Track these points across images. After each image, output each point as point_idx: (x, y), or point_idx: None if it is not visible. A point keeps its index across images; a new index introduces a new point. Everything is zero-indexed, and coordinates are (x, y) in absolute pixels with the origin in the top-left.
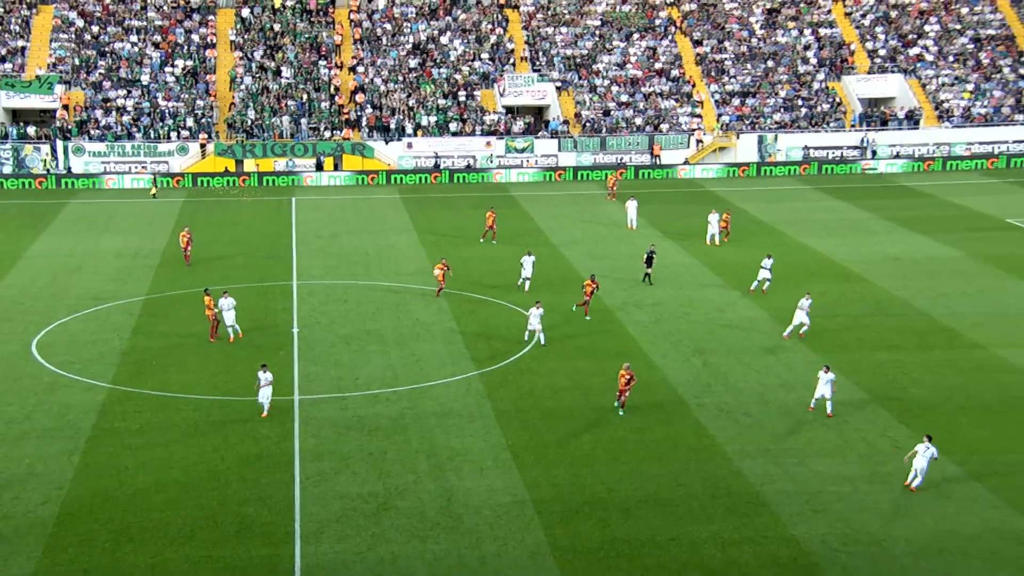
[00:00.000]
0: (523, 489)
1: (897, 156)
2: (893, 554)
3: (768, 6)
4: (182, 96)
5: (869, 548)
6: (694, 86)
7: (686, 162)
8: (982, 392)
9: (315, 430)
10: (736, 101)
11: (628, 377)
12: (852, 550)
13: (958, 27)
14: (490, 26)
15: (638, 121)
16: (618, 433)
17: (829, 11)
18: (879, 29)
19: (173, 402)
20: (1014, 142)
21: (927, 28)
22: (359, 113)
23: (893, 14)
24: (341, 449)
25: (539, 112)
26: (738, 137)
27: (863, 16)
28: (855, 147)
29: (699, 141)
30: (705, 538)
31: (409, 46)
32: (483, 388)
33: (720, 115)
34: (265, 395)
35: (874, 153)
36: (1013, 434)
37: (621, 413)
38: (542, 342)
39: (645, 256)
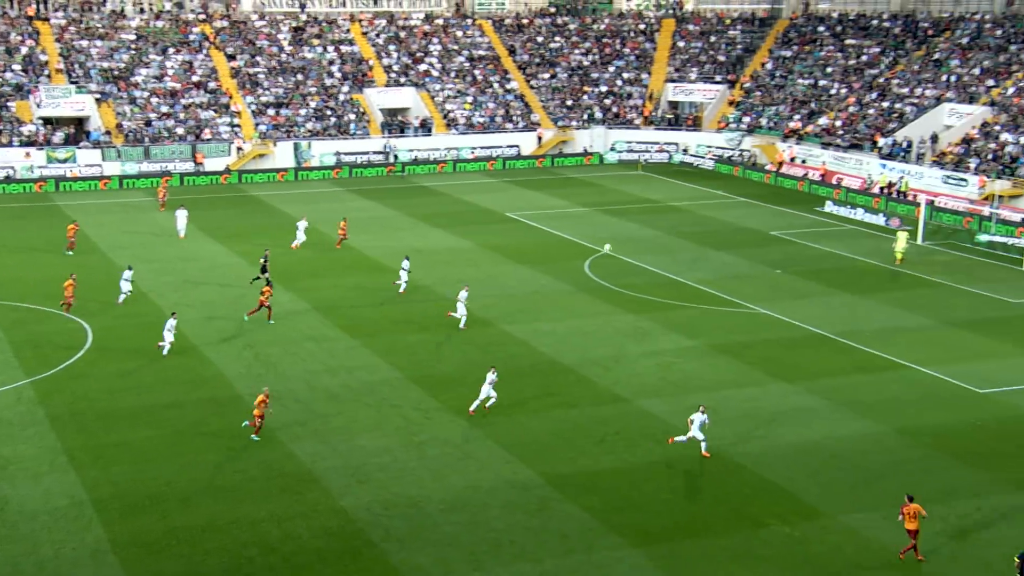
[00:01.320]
0: (81, 490)
1: (415, 160)
2: (427, 512)
3: (294, 25)
4: None
5: (407, 510)
6: (231, 98)
7: (227, 169)
8: (495, 363)
9: None
10: (271, 111)
11: (265, 401)
12: (393, 513)
13: (456, 47)
14: (20, 37)
15: (180, 131)
16: (176, 427)
17: (348, 30)
18: (392, 47)
19: None
20: (507, 147)
21: (431, 47)
22: None
23: (402, 34)
24: None
25: (80, 123)
26: (275, 145)
27: (377, 35)
28: (380, 152)
29: (239, 149)
30: (263, 517)
31: None
32: (35, 395)
33: (257, 124)
34: None
35: (396, 157)
36: (520, 397)
37: (256, 438)
38: (164, 352)
39: (262, 260)
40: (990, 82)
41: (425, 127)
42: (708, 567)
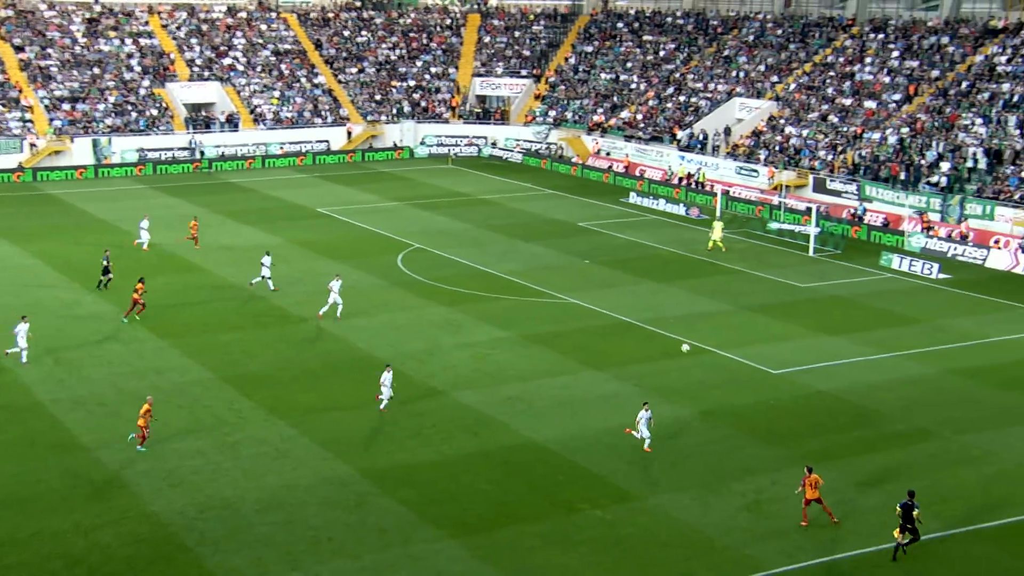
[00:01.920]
0: None
1: (223, 156)
2: (243, 513)
3: (88, 16)
4: None
5: (222, 511)
6: (21, 91)
7: (20, 166)
8: (309, 361)
9: None
10: (67, 106)
11: (150, 410)
12: (207, 516)
13: (261, 41)
14: None
15: None
16: None
17: (147, 23)
18: (194, 41)
19: None
20: (316, 142)
21: (235, 41)
22: None
23: (204, 27)
24: None
25: None
26: (72, 141)
27: (178, 28)
28: (185, 148)
29: (33, 145)
30: (67, 528)
31: None
32: None
33: (52, 120)
34: None
35: (202, 153)
36: (335, 394)
37: (142, 448)
38: (23, 360)
39: (104, 262)
40: (774, 78)
41: (231, 122)
42: (524, 554)
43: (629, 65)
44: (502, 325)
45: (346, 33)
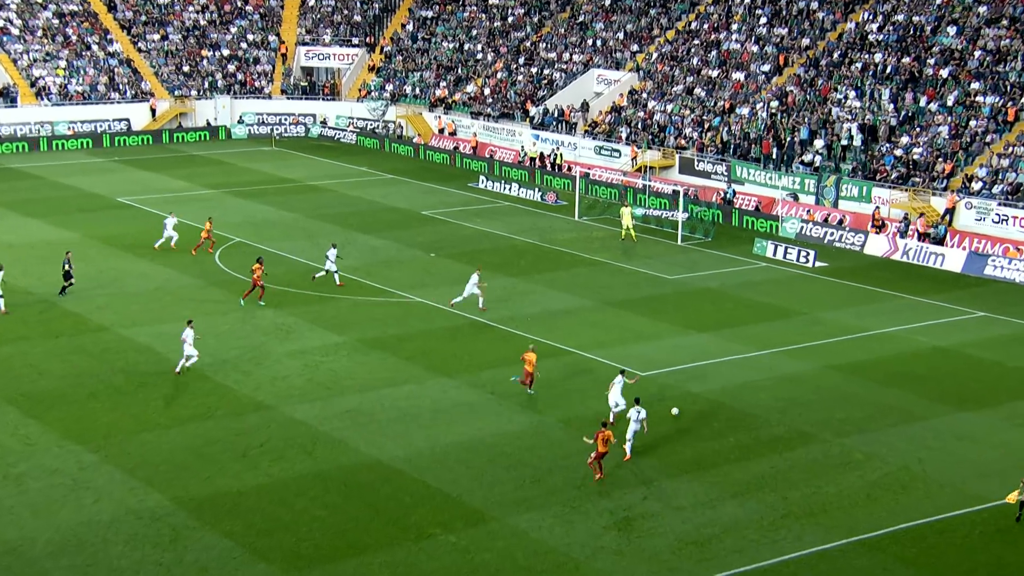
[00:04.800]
0: None
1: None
2: (32, 558)
3: None
4: None
5: (5, 558)
6: None
7: None
8: (112, 375)
9: None
10: None
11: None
12: None
13: (40, 1)
14: None
15: None
16: None
17: None
18: None
19: None
20: (114, 120)
21: (6, 1)
22: None
23: None
24: None
25: None
26: None
27: None
28: None
29: None
30: None
31: None
32: None
33: None
34: None
35: None
36: (143, 412)
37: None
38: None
39: (66, 265)
40: (634, 47)
41: (8, 96)
42: None
43: (474, 33)
44: (338, 329)
45: None
